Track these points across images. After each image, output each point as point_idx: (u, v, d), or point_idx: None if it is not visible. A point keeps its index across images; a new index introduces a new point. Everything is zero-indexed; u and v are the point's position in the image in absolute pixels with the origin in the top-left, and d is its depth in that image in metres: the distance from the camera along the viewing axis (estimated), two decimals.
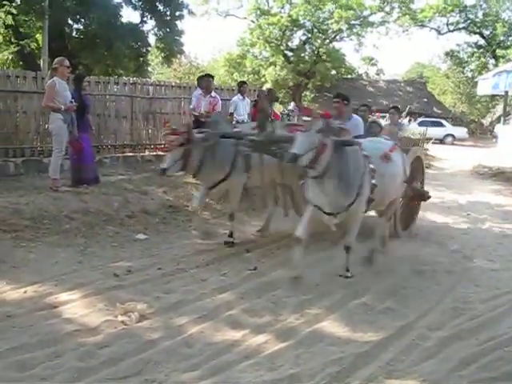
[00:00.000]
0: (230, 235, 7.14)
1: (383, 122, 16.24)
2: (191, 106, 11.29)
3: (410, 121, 22.47)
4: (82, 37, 18.39)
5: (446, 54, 44.05)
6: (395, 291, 5.55)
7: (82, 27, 18.65)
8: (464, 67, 44.07)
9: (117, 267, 5.80)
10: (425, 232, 8.56)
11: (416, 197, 8.12)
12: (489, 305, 5.28)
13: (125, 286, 5.20)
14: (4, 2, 14.14)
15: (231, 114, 11.55)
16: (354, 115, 7.58)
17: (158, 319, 4.47)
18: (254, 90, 14.52)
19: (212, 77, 10.89)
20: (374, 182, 5.53)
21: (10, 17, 14.14)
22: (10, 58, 17.55)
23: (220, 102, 10.46)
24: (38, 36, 17.48)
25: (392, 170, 5.95)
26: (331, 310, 4.90)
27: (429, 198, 8.38)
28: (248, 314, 4.68)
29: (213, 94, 10.33)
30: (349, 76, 43.57)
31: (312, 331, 4.42)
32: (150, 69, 22.87)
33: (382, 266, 6.38)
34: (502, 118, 23.55)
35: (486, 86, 22.85)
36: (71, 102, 8.02)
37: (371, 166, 5.51)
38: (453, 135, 31.58)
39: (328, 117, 5.22)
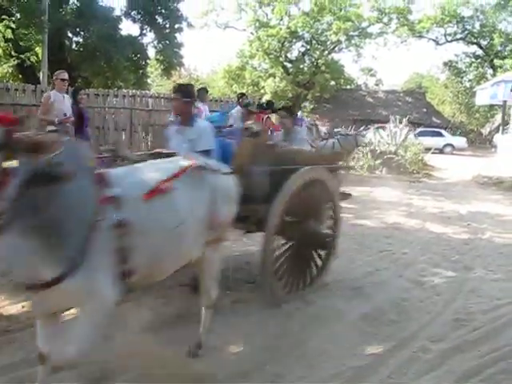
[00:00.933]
0: None
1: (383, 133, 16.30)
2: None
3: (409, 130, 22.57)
4: (81, 49, 18.46)
5: (445, 64, 44.34)
6: (395, 302, 5.51)
7: (81, 40, 18.74)
8: (462, 77, 44.32)
9: None
10: (424, 242, 8.54)
11: (314, 243, 5.65)
12: (490, 316, 5.23)
13: None
14: (3, 17, 14.20)
15: (230, 126, 11.56)
16: (199, 120, 5.67)
17: None
18: (254, 102, 14.53)
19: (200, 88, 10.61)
20: (126, 242, 3.08)
21: (9, 31, 14.23)
22: (10, 71, 17.62)
23: (205, 112, 10.43)
24: (38, 49, 17.54)
25: (169, 216, 3.38)
26: (333, 322, 4.86)
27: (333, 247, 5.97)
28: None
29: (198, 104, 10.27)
30: (348, 87, 43.76)
31: (313, 344, 4.38)
32: (149, 81, 22.92)
33: (381, 277, 6.37)
34: (501, 128, 23.58)
35: (484, 95, 22.94)
36: (64, 114, 7.98)
37: (121, 214, 3.05)
38: (452, 145, 31.68)
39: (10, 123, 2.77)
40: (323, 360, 4.14)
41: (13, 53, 16.60)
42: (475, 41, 40.92)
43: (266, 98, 31.52)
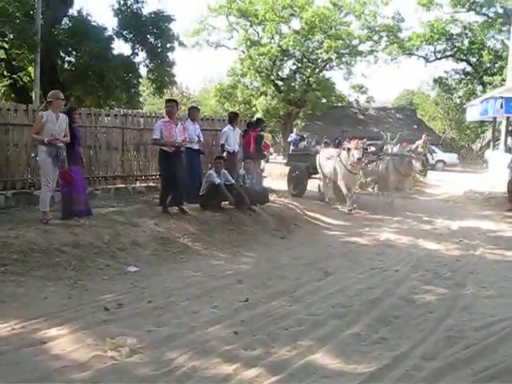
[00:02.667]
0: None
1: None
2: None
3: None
4: (73, 69, 18.51)
5: (435, 81, 44.70)
6: (388, 320, 5.50)
7: (73, 59, 18.81)
8: (452, 94, 44.69)
9: (107, 301, 5.73)
10: (416, 259, 8.55)
11: None
12: (483, 333, 5.22)
13: (115, 320, 5.13)
14: None
15: (222, 145, 11.60)
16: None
17: (148, 354, 4.40)
18: (245, 121, 14.60)
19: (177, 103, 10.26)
20: None
21: (2, 51, 14.28)
22: (3, 91, 17.65)
23: (196, 131, 10.52)
24: (31, 69, 17.58)
25: None
26: (324, 341, 4.83)
27: None
28: (240, 347, 4.61)
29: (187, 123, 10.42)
30: (339, 104, 43.98)
31: (305, 363, 4.35)
32: (141, 100, 22.99)
33: (373, 295, 6.37)
34: (492, 144, 23.76)
35: (474, 112, 23.12)
36: (52, 134, 7.98)
37: None
38: (443, 161, 31.81)
39: None
40: (315, 379, 4.12)
41: (5, 73, 16.65)
42: (464, 58, 41.35)
43: (258, 116, 31.57)
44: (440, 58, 42.12)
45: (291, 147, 27.47)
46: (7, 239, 6.91)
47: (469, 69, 41.95)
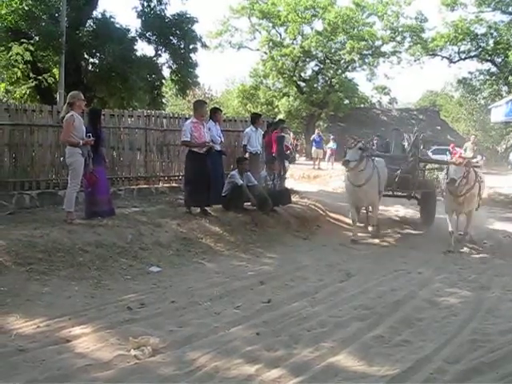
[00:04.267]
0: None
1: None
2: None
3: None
4: (97, 70, 18.65)
5: (459, 81, 44.12)
6: (411, 323, 5.46)
7: (97, 61, 18.94)
8: (477, 95, 44.09)
9: (130, 300, 5.78)
10: (440, 261, 8.47)
11: None
12: (508, 337, 5.13)
13: (138, 320, 5.16)
14: (22, 40, 14.45)
15: (244, 146, 11.61)
16: None
17: (171, 353, 4.42)
18: (267, 122, 14.59)
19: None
20: None
21: (28, 53, 14.45)
22: (28, 92, 17.86)
23: (217, 132, 10.39)
24: (55, 70, 17.76)
25: None
26: (346, 343, 4.81)
27: None
28: (262, 348, 4.61)
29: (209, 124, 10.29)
30: (362, 105, 43.73)
31: (326, 365, 4.33)
32: (164, 101, 23.06)
33: (396, 297, 6.32)
34: None
35: (499, 113, 22.77)
36: (88, 136, 8.08)
37: None
38: None
39: None
40: (336, 381, 4.10)
41: (31, 74, 16.83)
42: (489, 58, 40.71)
43: (280, 117, 31.55)
44: (464, 59, 41.52)
45: (313, 148, 27.48)
46: (32, 238, 7.00)
47: (494, 69, 41.27)
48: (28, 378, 3.89)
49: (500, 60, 40.17)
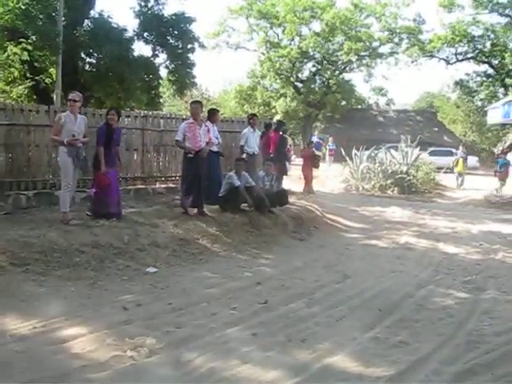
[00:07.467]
0: None
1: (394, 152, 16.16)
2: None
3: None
4: (94, 70, 18.63)
5: (456, 83, 44.24)
6: (407, 324, 5.47)
7: (94, 61, 18.93)
8: (474, 96, 44.19)
9: (126, 301, 5.77)
10: (436, 262, 8.48)
11: None
12: (504, 338, 5.15)
13: (134, 321, 5.15)
14: (21, 40, 14.44)
15: (241, 147, 11.61)
16: None
17: (167, 354, 4.42)
18: (264, 123, 14.59)
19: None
20: None
21: (25, 53, 14.45)
22: (25, 92, 17.85)
23: (213, 133, 10.29)
24: (52, 70, 17.75)
25: None
26: (342, 344, 4.82)
27: None
28: (259, 349, 4.61)
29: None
30: (359, 106, 43.82)
31: (323, 366, 4.33)
32: (161, 101, 23.04)
33: (392, 298, 6.33)
34: None
35: (495, 115, 22.87)
36: (73, 135, 8.07)
37: None
38: None
39: None
40: (332, 383, 4.10)
41: (28, 74, 16.82)
42: (486, 60, 40.85)
43: (278, 117, 31.60)
44: (461, 60, 41.70)
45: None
46: (29, 239, 6.99)
47: (490, 71, 41.45)
48: (24, 378, 3.89)
49: (497, 62, 40.40)
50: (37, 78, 16.17)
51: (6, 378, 3.88)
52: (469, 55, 41.17)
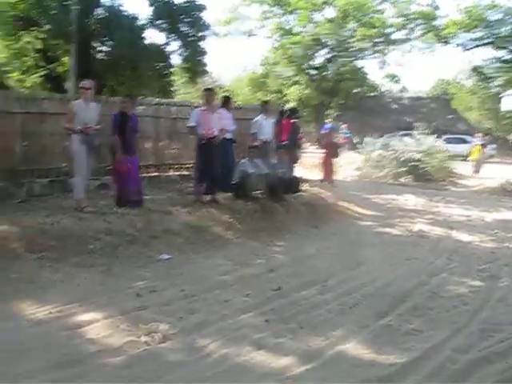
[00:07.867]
0: None
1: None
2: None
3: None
4: (106, 58, 18.64)
5: (472, 69, 43.64)
6: (421, 312, 5.45)
7: (106, 49, 18.92)
8: (489, 83, 43.59)
9: (140, 287, 5.82)
10: (450, 250, 8.44)
11: None
12: None
13: (148, 307, 5.20)
14: (33, 28, 14.48)
15: (254, 134, 11.57)
16: None
17: (180, 340, 4.45)
18: (280, 110, 14.51)
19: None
20: None
21: (39, 41, 14.49)
22: (38, 81, 17.90)
23: (228, 120, 10.25)
24: (65, 59, 17.78)
25: None
26: (355, 331, 4.82)
27: None
28: (271, 335, 4.63)
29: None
30: (372, 94, 43.48)
31: (336, 353, 4.34)
32: (175, 89, 23.03)
33: (406, 286, 6.31)
34: None
35: (510, 101, 22.59)
36: (85, 123, 8.10)
37: None
38: None
39: None
40: (346, 369, 4.11)
41: (41, 63, 16.86)
42: (504, 45, 40.24)
43: (291, 105, 31.47)
44: (478, 46, 41.06)
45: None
46: (44, 226, 7.05)
47: (508, 57, 40.80)
48: (40, 362, 3.94)
49: None
50: (50, 66, 16.19)
51: (23, 362, 3.93)
52: (485, 41, 40.52)
